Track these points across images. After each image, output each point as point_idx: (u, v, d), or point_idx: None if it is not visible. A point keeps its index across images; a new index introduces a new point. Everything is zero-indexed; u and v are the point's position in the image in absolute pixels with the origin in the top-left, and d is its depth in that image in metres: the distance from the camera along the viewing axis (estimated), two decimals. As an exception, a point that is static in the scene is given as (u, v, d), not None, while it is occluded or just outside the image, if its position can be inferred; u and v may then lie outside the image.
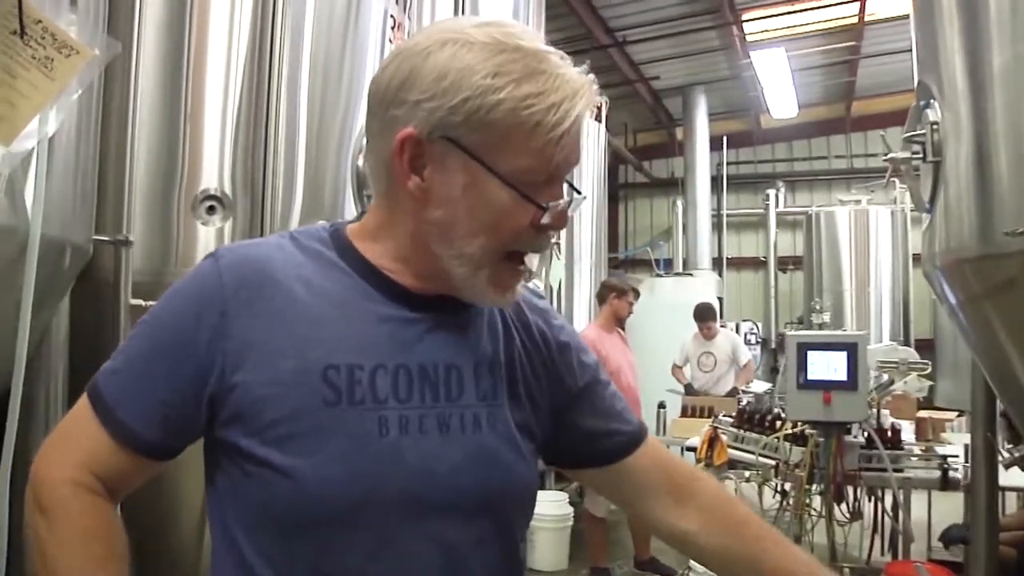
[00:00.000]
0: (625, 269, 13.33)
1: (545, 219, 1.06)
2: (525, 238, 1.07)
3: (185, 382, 1.05)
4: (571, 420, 1.23)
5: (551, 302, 6.65)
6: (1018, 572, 3.05)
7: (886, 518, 5.37)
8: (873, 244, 11.24)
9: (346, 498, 1.01)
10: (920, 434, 5.76)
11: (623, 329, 5.90)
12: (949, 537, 4.82)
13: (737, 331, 9.73)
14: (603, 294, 5.80)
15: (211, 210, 2.48)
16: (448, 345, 1.10)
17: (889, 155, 3.30)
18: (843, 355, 4.26)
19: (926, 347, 10.39)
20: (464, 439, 1.07)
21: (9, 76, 1.44)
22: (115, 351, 1.14)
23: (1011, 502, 4.82)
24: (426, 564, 1.04)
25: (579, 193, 1.20)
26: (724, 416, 5.24)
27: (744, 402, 5.53)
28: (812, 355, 4.29)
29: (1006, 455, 3.52)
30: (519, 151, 1.02)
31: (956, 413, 6.77)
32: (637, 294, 5.94)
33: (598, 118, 7.21)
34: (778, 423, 4.80)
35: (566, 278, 6.90)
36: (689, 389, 7.33)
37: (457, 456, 1.06)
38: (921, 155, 3.01)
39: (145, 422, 1.07)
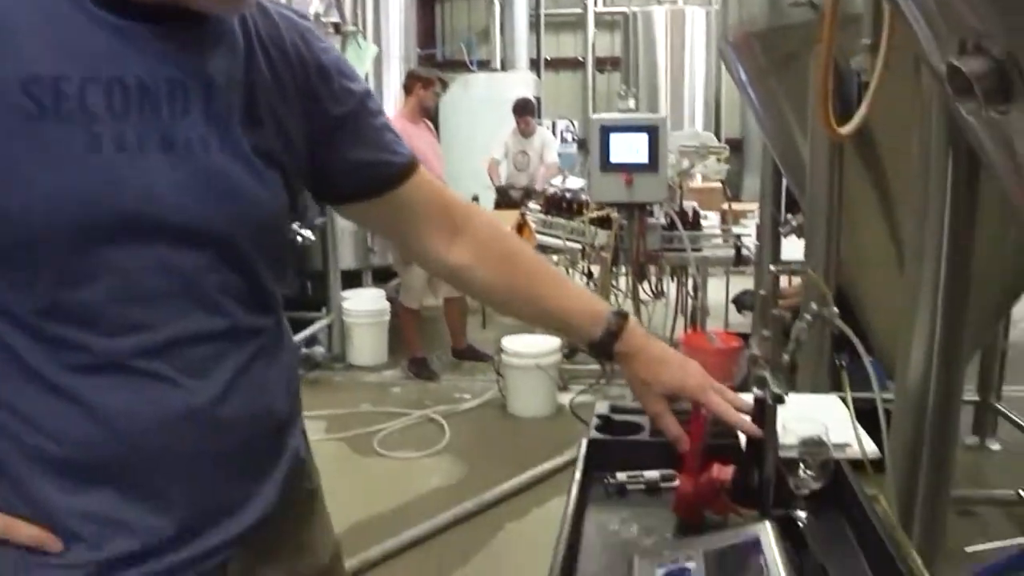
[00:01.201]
0: (442, 70, 13.03)
1: None
2: None
3: None
4: (336, 150, 1.14)
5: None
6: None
7: (688, 300, 5.71)
8: (688, 44, 11.38)
9: (59, 221, 0.91)
10: (723, 222, 6.06)
11: (431, 120, 5.78)
12: (740, 302, 5.20)
13: (553, 129, 9.79)
14: (409, 84, 5.62)
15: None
16: (173, 60, 0.97)
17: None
18: (644, 137, 4.34)
19: (736, 146, 10.82)
20: (191, 160, 0.97)
21: None
22: None
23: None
24: (157, 290, 0.96)
25: None
26: (533, 204, 5.32)
27: (552, 189, 5.61)
28: (615, 137, 4.36)
29: (787, 225, 3.74)
30: None
31: (758, 205, 7.09)
32: (444, 84, 5.80)
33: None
34: (584, 208, 4.91)
35: (374, 74, 6.65)
36: (500, 191, 7.31)
37: (182, 177, 0.96)
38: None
39: None
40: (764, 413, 1.15)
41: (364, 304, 6.13)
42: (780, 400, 1.14)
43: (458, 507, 3.78)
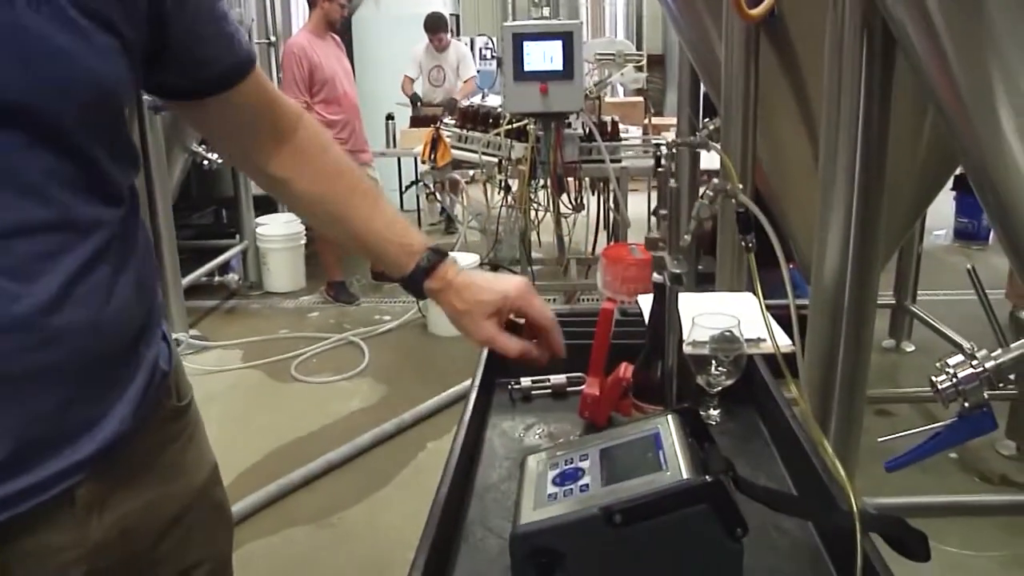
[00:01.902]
0: (357, -13, 12.58)
1: None
2: None
3: None
4: (171, 38, 0.98)
5: (264, 16, 6.02)
6: (712, 237, 3.28)
7: (611, 214, 5.64)
8: (609, -40, 11.16)
9: None
10: (644, 135, 5.98)
11: (337, 34, 5.53)
12: (660, 213, 5.14)
13: (472, 47, 9.49)
14: (312, -3, 5.36)
15: None
16: None
17: None
18: (558, 44, 4.20)
19: (658, 62, 10.71)
20: None
21: None
22: None
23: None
24: None
25: None
26: (448, 119, 5.15)
27: (467, 103, 5.45)
28: (528, 45, 4.20)
29: (704, 129, 3.67)
30: None
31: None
32: (349, -5, 5.54)
33: None
34: (501, 121, 4.76)
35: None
36: (415, 99, 7.13)
37: None
38: None
39: None
40: (664, 297, 1.07)
41: (279, 229, 5.94)
42: (679, 281, 1.05)
43: (378, 428, 3.71)
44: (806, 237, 2.87)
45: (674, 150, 1.12)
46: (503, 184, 4.80)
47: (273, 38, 6.22)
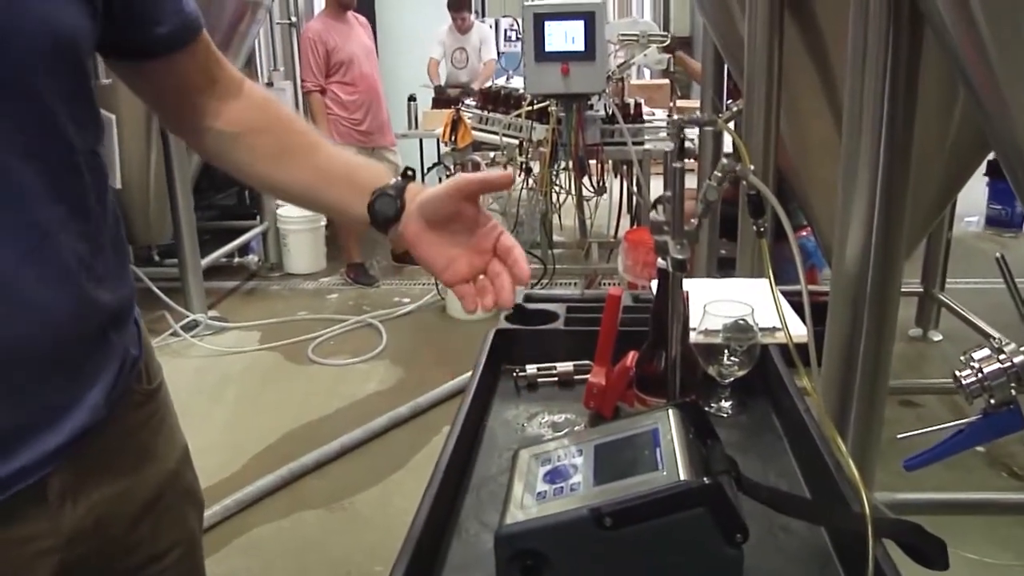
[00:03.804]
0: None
1: None
2: None
3: None
4: None
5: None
6: (733, 223, 3.21)
7: (633, 198, 5.55)
8: (636, -62, 11.00)
9: None
10: (669, 118, 5.88)
11: (363, 14, 5.48)
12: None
13: (497, 28, 9.40)
14: (324, -22, 5.31)
15: None
16: None
17: None
18: (580, 24, 4.11)
19: (685, 44, 10.57)
20: None
21: None
22: None
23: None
24: None
25: None
26: (469, 101, 5.08)
27: (489, 84, 5.37)
28: (549, 25, 4.12)
29: (727, 111, 3.59)
30: None
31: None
32: (361, -26, 5.48)
33: None
34: (523, 103, 4.69)
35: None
36: (439, 90, 7.04)
37: None
38: None
39: None
40: (667, 283, 1.01)
41: (299, 211, 5.89)
42: (681, 267, 0.99)
43: (393, 412, 3.67)
44: (830, 220, 2.80)
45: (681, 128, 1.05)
46: (524, 166, 4.73)
47: (294, 19, 6.18)
